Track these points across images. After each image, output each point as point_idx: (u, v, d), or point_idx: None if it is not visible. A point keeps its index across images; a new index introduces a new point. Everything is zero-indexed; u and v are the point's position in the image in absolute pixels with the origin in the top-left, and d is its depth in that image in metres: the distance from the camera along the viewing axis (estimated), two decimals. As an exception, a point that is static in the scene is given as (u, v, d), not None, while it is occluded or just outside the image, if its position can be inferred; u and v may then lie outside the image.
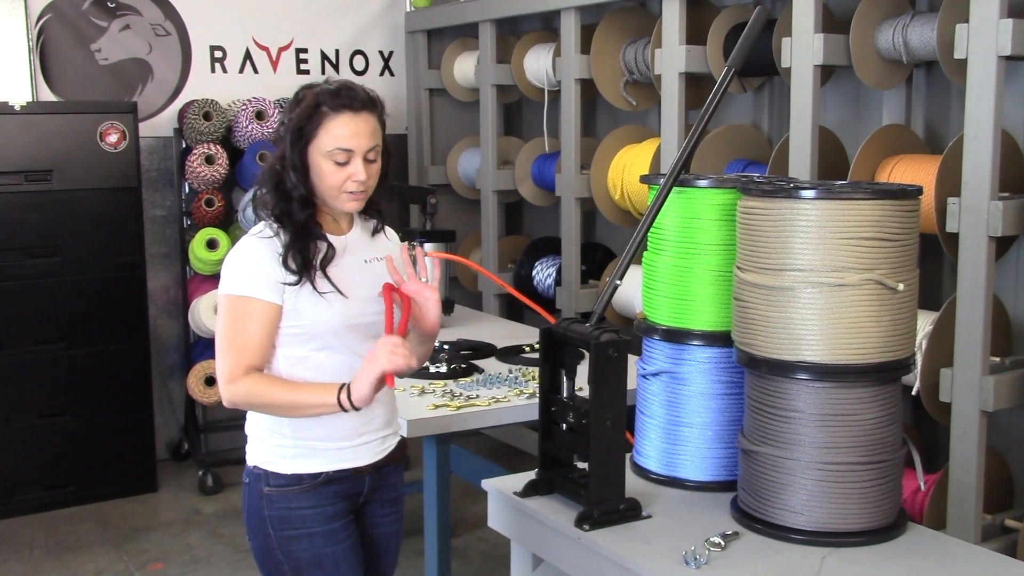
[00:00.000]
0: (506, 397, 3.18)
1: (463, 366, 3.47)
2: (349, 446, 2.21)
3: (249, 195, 4.91)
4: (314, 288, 2.14)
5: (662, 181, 2.38)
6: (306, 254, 2.14)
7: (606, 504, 2.23)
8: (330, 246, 2.19)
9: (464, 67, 5.40)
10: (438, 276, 2.29)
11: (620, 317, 4.43)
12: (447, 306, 4.20)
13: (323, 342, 2.16)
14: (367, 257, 2.27)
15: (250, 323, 2.12)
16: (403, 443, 2.38)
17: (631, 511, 2.25)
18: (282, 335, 2.16)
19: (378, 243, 2.32)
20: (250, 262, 2.14)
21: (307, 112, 2.13)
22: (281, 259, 2.13)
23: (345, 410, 2.09)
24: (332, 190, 2.15)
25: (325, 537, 2.20)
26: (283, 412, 2.14)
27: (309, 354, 2.17)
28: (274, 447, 2.20)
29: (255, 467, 2.23)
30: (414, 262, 2.25)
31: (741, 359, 2.24)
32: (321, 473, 2.18)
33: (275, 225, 2.17)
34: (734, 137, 3.98)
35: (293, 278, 2.13)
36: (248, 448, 2.26)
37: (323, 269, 2.16)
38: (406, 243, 2.35)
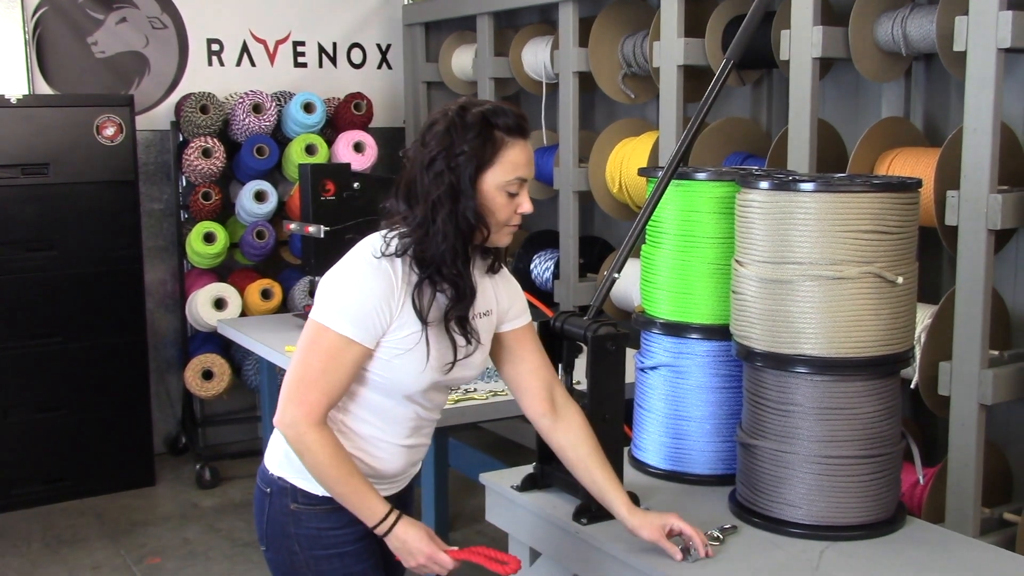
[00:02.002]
0: (504, 391, 3.17)
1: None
2: (387, 483, 2.11)
3: (249, 187, 4.91)
4: (428, 349, 1.96)
5: (660, 174, 2.37)
6: (464, 308, 1.96)
7: (604, 498, 2.22)
8: (472, 294, 1.98)
9: (462, 60, 5.38)
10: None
11: (618, 310, 4.42)
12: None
13: (393, 394, 2.02)
14: (480, 310, 2.06)
15: (343, 365, 1.93)
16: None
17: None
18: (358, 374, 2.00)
19: (486, 291, 2.10)
20: (362, 298, 1.93)
21: (482, 138, 1.90)
22: (404, 299, 1.94)
23: (377, 533, 1.99)
24: (499, 224, 1.96)
25: (355, 556, 2.10)
26: (321, 481, 1.99)
27: (376, 398, 2.03)
28: None
29: (281, 478, 2.08)
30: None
31: (740, 352, 2.24)
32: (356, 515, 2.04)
33: (412, 264, 1.94)
34: (733, 130, 3.97)
35: (413, 329, 1.95)
36: (273, 456, 2.12)
37: (461, 323, 1.98)
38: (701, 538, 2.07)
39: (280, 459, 2.10)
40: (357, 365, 1.96)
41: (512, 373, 2.17)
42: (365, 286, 1.93)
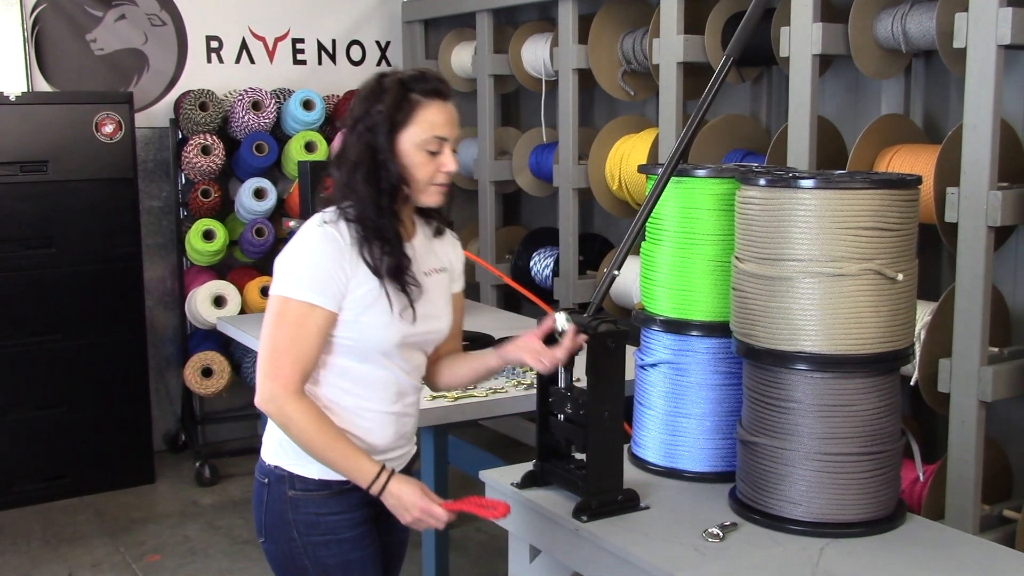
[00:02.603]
0: (504, 388, 3.17)
1: (461, 357, 3.45)
2: (381, 458, 2.11)
3: (248, 184, 4.91)
4: (388, 300, 2.03)
5: (660, 171, 2.37)
6: (398, 260, 2.03)
7: (604, 495, 2.22)
8: (406, 256, 2.07)
9: (461, 57, 5.38)
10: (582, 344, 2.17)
11: (618, 308, 4.42)
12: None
13: (368, 356, 2.07)
14: (427, 268, 2.15)
15: (309, 332, 1.99)
16: (416, 454, 2.33)
17: (629, 502, 2.25)
18: (328, 342, 2.05)
19: (437, 250, 2.21)
20: (315, 263, 2.00)
21: (397, 100, 2.00)
22: (354, 260, 2.01)
23: (372, 493, 2.03)
24: (421, 182, 2.05)
25: (353, 543, 2.13)
26: (309, 450, 2.02)
27: (352, 365, 2.07)
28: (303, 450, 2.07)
29: (277, 467, 2.12)
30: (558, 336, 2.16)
31: (739, 349, 2.24)
32: (349, 480, 2.08)
33: (344, 224, 2.03)
34: (732, 127, 3.97)
35: (368, 286, 2.02)
36: (268, 446, 2.16)
37: (402, 280, 2.05)
38: (562, 314, 2.19)
39: (275, 448, 2.14)
40: (324, 331, 2.02)
41: None
42: (316, 252, 2.01)
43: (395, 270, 2.04)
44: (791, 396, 2.13)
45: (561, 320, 2.16)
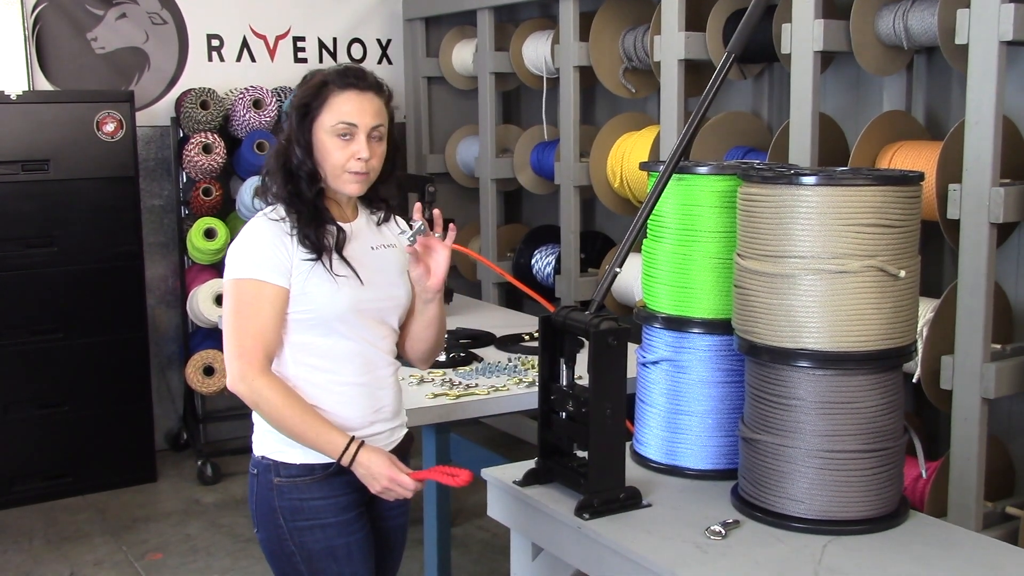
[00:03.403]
0: (505, 386, 3.17)
1: (462, 355, 3.46)
2: (360, 434, 2.15)
3: (249, 183, 4.90)
4: (328, 269, 2.12)
5: (662, 168, 2.36)
6: (320, 233, 2.13)
7: (606, 493, 2.22)
8: (340, 229, 2.17)
9: (462, 55, 5.38)
10: (452, 238, 2.25)
11: (620, 305, 4.42)
12: (446, 295, 4.18)
13: (330, 327, 2.14)
14: (374, 244, 2.25)
15: (263, 307, 2.09)
16: (410, 435, 2.36)
17: (631, 500, 2.24)
18: (289, 321, 2.13)
19: (384, 232, 2.30)
20: (258, 245, 2.12)
21: (313, 89, 2.14)
22: (294, 240, 2.11)
23: (342, 465, 2.11)
24: (335, 168, 2.14)
25: (338, 528, 2.17)
26: (280, 427, 2.11)
27: (316, 340, 2.14)
28: (283, 437, 2.14)
29: (263, 457, 2.19)
30: (432, 225, 2.22)
31: (742, 347, 2.23)
32: (332, 463, 2.13)
33: (282, 209, 2.15)
34: (734, 124, 3.97)
35: (308, 257, 2.11)
36: (255, 438, 2.22)
37: (338, 251, 2.15)
38: (418, 204, 2.37)
39: (260, 439, 2.20)
40: (277, 306, 2.10)
41: (410, 320, 2.32)
42: (256, 235, 2.13)
43: (321, 246, 2.12)
44: (793, 393, 2.13)
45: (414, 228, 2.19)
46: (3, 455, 4.57)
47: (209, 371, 4.97)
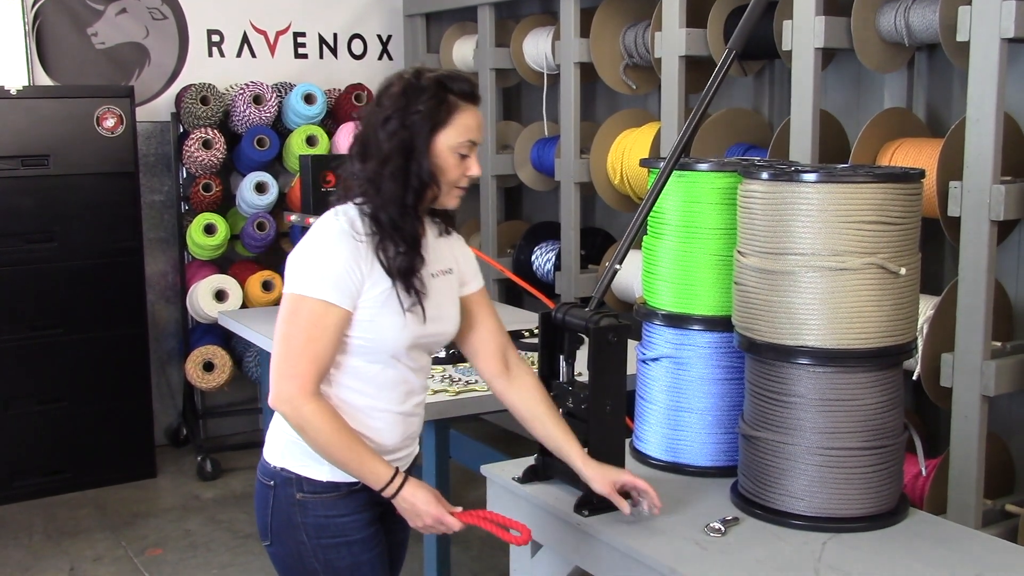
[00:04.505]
0: (505, 382, 3.16)
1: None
2: (389, 458, 2.08)
3: (250, 178, 4.90)
4: (400, 301, 2.00)
5: (662, 165, 2.36)
6: (412, 261, 1.99)
7: (606, 490, 2.21)
8: (421, 256, 2.05)
9: (463, 51, 5.37)
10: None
11: (620, 302, 4.42)
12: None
13: (380, 357, 2.04)
14: (434, 270, 2.11)
15: (326, 331, 1.95)
16: (418, 454, 2.32)
17: (630, 497, 2.24)
18: (342, 343, 2.02)
19: (443, 251, 2.16)
20: (332, 261, 1.96)
21: (437, 101, 1.97)
22: (372, 262, 1.98)
23: (385, 496, 2.02)
24: (448, 185, 2.02)
25: (363, 544, 2.10)
26: (323, 453, 1.99)
27: (363, 365, 2.04)
28: (309, 451, 2.02)
29: (283, 469, 2.08)
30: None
31: (742, 344, 2.23)
32: (358, 481, 2.04)
33: (364, 223, 1.99)
34: (734, 121, 3.96)
35: (382, 287, 1.98)
36: (273, 447, 2.11)
37: (415, 280, 2.02)
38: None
39: (281, 450, 2.10)
40: (339, 330, 1.98)
41: (469, 337, 2.22)
42: (332, 250, 1.97)
43: (407, 271, 2.01)
44: (793, 391, 2.13)
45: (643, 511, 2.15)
46: (3, 451, 4.57)
47: (209, 367, 4.97)
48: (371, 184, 1.98)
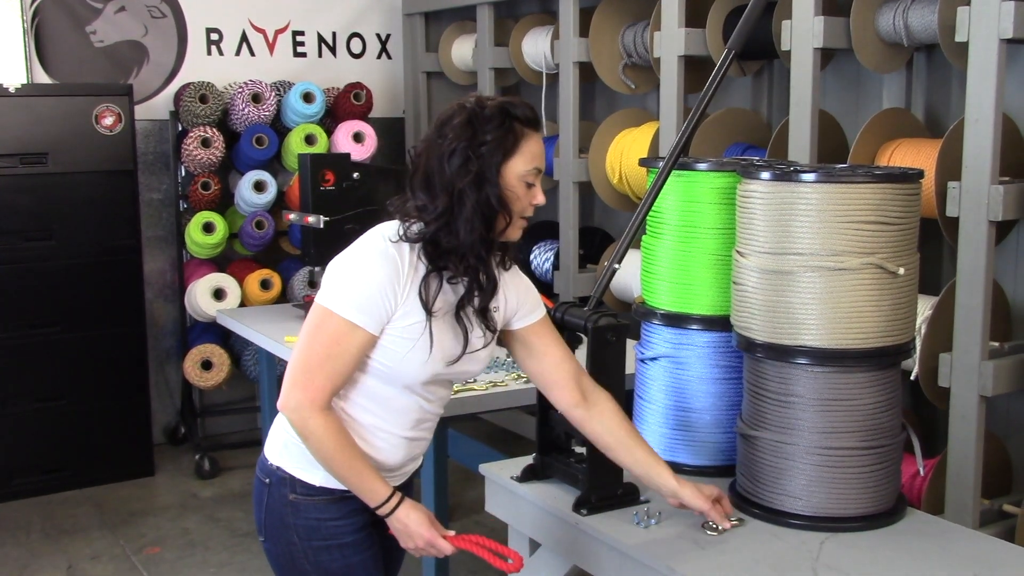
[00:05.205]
0: (504, 381, 3.17)
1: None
2: (387, 475, 2.08)
3: (248, 177, 4.90)
4: (431, 339, 1.96)
5: (661, 164, 2.36)
6: (487, 299, 1.98)
7: (604, 489, 2.22)
8: (494, 284, 2.01)
9: (462, 50, 5.37)
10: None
11: (618, 302, 4.42)
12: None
13: (394, 384, 2.02)
14: (491, 305, 2.06)
15: (348, 351, 1.93)
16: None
17: (629, 496, 2.25)
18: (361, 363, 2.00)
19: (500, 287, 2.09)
20: (369, 283, 1.93)
21: (504, 128, 1.92)
22: (416, 292, 1.94)
23: (379, 514, 2.01)
24: (516, 215, 1.97)
25: (354, 547, 2.10)
26: (324, 465, 1.98)
27: (378, 387, 2.02)
28: (308, 454, 2.01)
29: (279, 468, 2.08)
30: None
31: (740, 343, 2.23)
32: (357, 496, 2.04)
33: (417, 252, 1.95)
34: (733, 121, 3.96)
35: (417, 318, 1.95)
36: (272, 445, 2.12)
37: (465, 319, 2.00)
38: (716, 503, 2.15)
39: (279, 449, 2.10)
40: (361, 351, 1.96)
41: (537, 369, 2.16)
42: (371, 272, 1.93)
43: (483, 311, 1.99)
44: (791, 390, 2.13)
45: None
46: (1, 449, 4.57)
47: (207, 365, 4.97)
48: (442, 217, 1.92)
